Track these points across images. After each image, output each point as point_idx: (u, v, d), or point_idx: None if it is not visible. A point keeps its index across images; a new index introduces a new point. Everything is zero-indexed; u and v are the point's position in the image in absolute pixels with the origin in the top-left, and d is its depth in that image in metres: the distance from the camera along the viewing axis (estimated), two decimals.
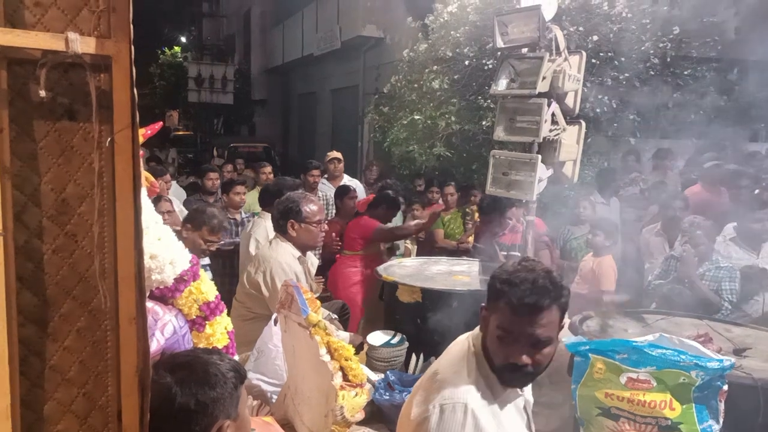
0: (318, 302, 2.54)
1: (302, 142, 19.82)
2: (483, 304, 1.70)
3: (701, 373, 1.80)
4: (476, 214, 6.30)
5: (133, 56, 1.22)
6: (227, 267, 5.17)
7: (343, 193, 5.90)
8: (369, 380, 2.85)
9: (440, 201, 6.74)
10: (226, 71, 22.06)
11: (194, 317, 1.96)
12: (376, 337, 3.23)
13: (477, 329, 1.74)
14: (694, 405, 1.83)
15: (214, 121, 24.23)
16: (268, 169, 7.23)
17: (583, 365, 1.96)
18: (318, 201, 3.37)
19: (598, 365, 1.93)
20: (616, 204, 6.38)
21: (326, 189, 6.70)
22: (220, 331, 2.03)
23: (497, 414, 1.63)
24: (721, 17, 7.97)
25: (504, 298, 1.62)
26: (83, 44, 1.20)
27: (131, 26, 1.23)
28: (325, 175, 6.96)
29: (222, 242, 4.22)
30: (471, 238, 6.01)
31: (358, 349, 3.26)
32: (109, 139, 1.23)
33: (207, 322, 1.98)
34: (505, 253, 4.41)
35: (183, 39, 27.90)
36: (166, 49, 25.00)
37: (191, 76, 21.71)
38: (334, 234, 5.15)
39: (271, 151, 16.99)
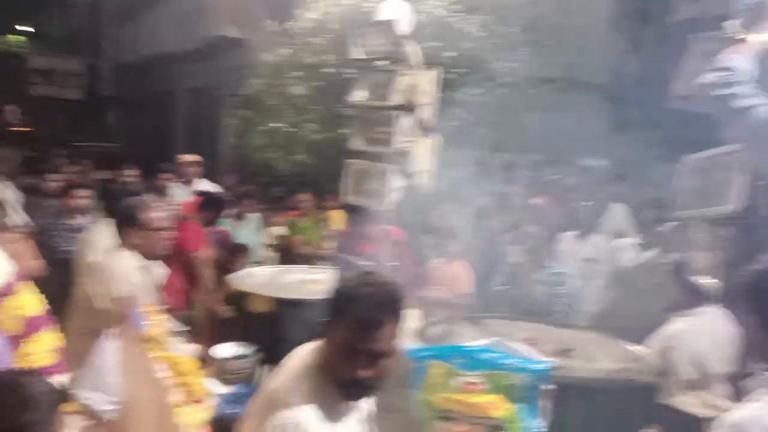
0: (160, 315, 2.43)
1: (158, 144, 18.89)
2: (325, 319, 1.71)
3: (526, 375, 1.94)
4: (333, 221, 6.36)
5: None
6: (63, 277, 4.79)
7: (219, 206, 5.57)
8: (215, 394, 2.78)
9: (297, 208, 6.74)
10: (75, 64, 20.56)
11: (11, 334, 1.79)
12: (226, 349, 3.16)
13: (318, 342, 1.75)
14: (521, 405, 1.96)
15: (59, 117, 22.43)
16: (133, 172, 6.77)
17: (422, 371, 2.04)
18: (162, 206, 3.21)
19: (436, 370, 2.01)
20: (469, 212, 6.70)
21: (180, 194, 6.43)
22: (41, 349, 1.87)
23: (335, 427, 1.65)
24: (565, 42, 8.66)
25: (346, 313, 1.64)
26: None
27: None
28: (181, 179, 6.70)
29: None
30: (329, 245, 6.04)
31: (207, 362, 3.16)
32: None
33: (24, 339, 1.82)
34: (365, 263, 4.48)
35: (26, 28, 25.60)
36: (5, 37, 22.85)
37: (34, 69, 20.00)
38: None
39: (124, 152, 16.02)
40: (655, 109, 2.62)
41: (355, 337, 1.63)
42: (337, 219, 6.17)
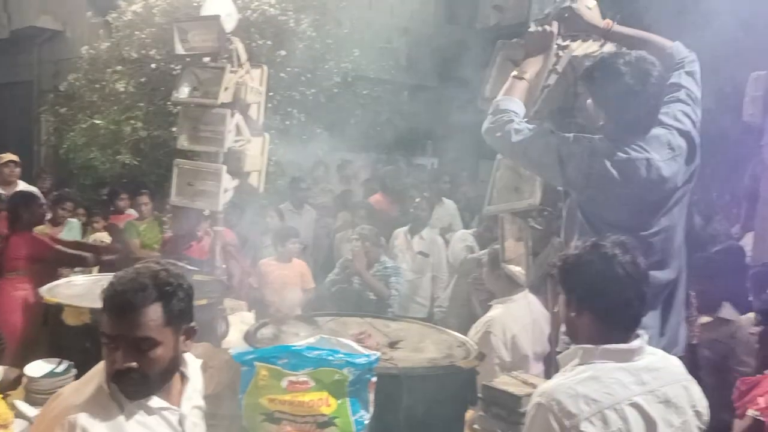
0: None
1: None
2: None
3: (352, 369, 1.97)
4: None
5: None
6: None
7: (28, 199, 4.99)
8: (24, 417, 2.54)
9: (131, 210, 6.38)
10: None
11: None
12: (37, 368, 2.88)
13: None
14: (348, 399, 1.99)
15: None
16: None
17: (249, 374, 2.00)
18: None
19: (263, 372, 1.99)
20: (311, 212, 6.73)
21: None
22: None
23: (120, 425, 1.58)
24: (395, 44, 8.97)
25: (103, 301, 1.58)
26: None
27: None
28: None
29: None
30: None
31: (16, 383, 2.88)
32: None
33: None
34: (190, 266, 4.32)
35: None
36: None
37: None
38: None
39: None
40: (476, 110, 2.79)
41: (110, 324, 1.57)
42: None
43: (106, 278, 3.77)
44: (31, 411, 2.65)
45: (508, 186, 2.81)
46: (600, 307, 1.76)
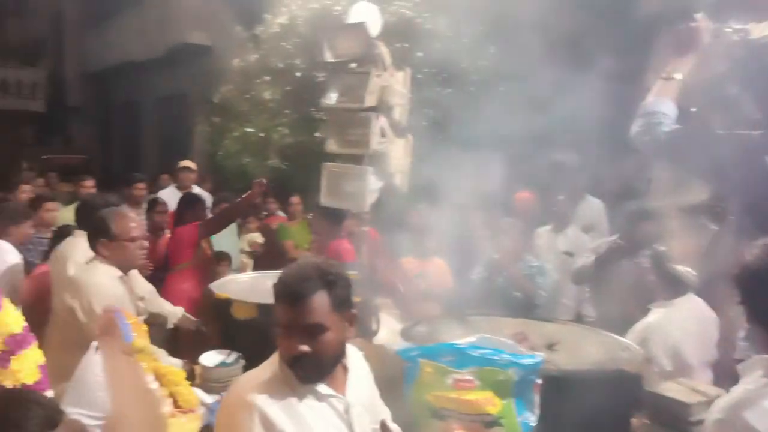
0: (144, 326, 2.40)
1: (127, 154, 18.60)
2: None
3: (517, 370, 1.96)
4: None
5: None
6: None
7: (193, 201, 5.46)
8: (203, 403, 2.76)
9: (280, 212, 6.77)
10: (36, 76, 20.10)
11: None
12: (210, 358, 3.12)
13: None
14: (513, 400, 1.98)
15: (22, 130, 21.88)
16: (90, 183, 6.76)
17: (413, 370, 2.05)
18: (134, 216, 3.18)
19: (427, 369, 2.02)
20: (450, 210, 6.72)
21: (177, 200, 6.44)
22: (28, 366, 1.84)
23: (293, 406, 1.70)
24: (535, 39, 8.69)
25: (275, 294, 1.71)
26: None
27: None
28: (174, 184, 6.87)
29: None
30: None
31: (191, 375, 3.13)
32: None
33: (12, 357, 1.79)
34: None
35: None
36: None
37: None
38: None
39: (91, 163, 15.74)
40: (622, 104, 2.66)
41: (281, 314, 1.70)
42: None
43: (268, 275, 4.03)
44: (207, 398, 2.88)
45: (672, 180, 2.65)
46: None
